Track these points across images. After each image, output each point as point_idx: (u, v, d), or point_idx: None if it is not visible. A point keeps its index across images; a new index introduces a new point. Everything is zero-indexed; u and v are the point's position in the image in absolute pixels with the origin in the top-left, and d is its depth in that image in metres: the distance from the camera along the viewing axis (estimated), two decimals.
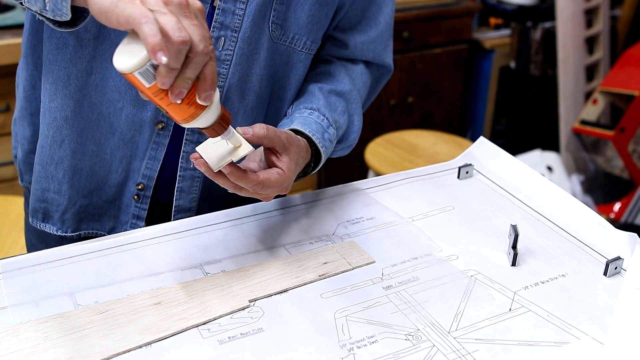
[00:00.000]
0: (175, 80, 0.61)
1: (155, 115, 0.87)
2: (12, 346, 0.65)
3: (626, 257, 0.82)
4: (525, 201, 0.96)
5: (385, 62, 1.01)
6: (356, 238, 0.87)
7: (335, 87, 0.94)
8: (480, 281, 0.79)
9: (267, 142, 0.77)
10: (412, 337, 0.70)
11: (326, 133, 0.88)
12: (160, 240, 0.84)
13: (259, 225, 0.88)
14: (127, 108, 0.87)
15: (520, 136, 2.92)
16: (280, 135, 0.78)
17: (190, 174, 0.91)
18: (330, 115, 0.91)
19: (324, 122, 0.89)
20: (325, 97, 0.93)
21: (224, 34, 0.84)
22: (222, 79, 0.86)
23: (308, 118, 0.88)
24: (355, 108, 0.97)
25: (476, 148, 1.06)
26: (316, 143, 0.86)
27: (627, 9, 2.95)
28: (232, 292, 0.75)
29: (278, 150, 0.78)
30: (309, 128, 0.86)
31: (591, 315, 0.74)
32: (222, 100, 0.87)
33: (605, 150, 2.57)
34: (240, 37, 0.85)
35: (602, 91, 2.51)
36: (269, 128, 0.76)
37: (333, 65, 0.97)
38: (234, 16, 0.84)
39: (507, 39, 2.83)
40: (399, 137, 2.25)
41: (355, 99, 0.97)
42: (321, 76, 0.95)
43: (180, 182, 0.91)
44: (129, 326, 0.69)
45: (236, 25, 0.84)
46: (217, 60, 0.85)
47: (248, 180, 0.74)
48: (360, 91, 0.99)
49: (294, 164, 0.80)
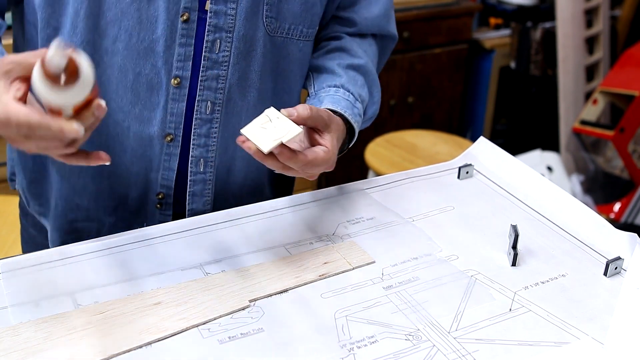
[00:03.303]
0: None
1: (162, 129, 0.87)
2: (12, 346, 0.65)
3: (626, 257, 0.82)
4: (525, 201, 0.96)
5: (390, 33, 1.03)
6: (356, 238, 0.87)
7: (352, 61, 0.95)
8: (481, 281, 0.79)
9: (311, 122, 0.78)
10: (412, 337, 0.70)
11: (355, 108, 0.90)
12: (160, 240, 0.84)
13: (259, 225, 0.88)
14: (134, 126, 0.86)
15: (520, 136, 2.92)
16: (322, 114, 0.79)
17: (201, 178, 0.91)
18: (355, 90, 0.92)
19: (351, 98, 0.90)
20: (346, 72, 0.94)
21: (219, 36, 0.84)
22: (222, 80, 0.86)
23: (335, 96, 0.89)
24: (372, 80, 0.98)
25: (476, 148, 1.06)
26: (349, 120, 0.87)
27: (627, 9, 2.95)
28: (232, 292, 0.75)
29: (320, 128, 0.79)
30: (339, 106, 0.88)
31: (591, 315, 0.74)
32: (224, 100, 0.88)
33: (605, 150, 2.57)
34: (235, 36, 0.85)
35: (602, 91, 2.51)
36: (312, 108, 0.77)
37: (344, 40, 0.97)
38: (226, 17, 0.83)
39: (507, 39, 2.83)
40: (399, 137, 2.24)
41: (372, 71, 0.98)
42: (336, 52, 0.96)
43: (192, 187, 0.91)
44: (129, 326, 0.69)
45: (230, 26, 0.84)
46: (215, 62, 0.85)
47: (297, 160, 0.74)
48: (373, 62, 1.00)
49: (336, 140, 0.81)
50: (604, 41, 2.81)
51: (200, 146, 0.89)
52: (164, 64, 0.83)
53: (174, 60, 0.83)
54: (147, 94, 0.85)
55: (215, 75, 0.86)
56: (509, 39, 2.83)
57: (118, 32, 0.82)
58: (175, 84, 0.84)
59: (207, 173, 0.91)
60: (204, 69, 0.85)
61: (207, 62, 0.85)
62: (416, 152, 2.16)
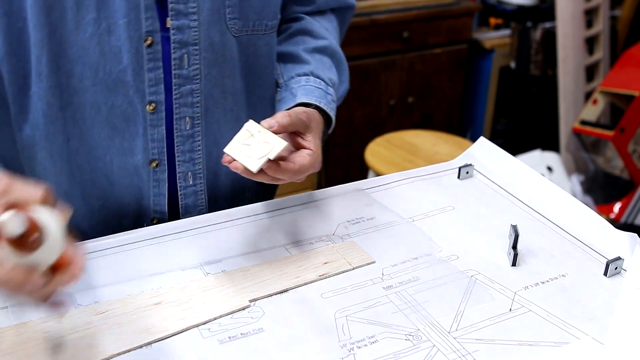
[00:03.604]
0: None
1: (146, 156, 0.85)
2: (12, 346, 0.65)
3: (626, 257, 0.82)
4: (525, 201, 0.96)
5: (348, 3, 1.02)
6: (356, 238, 0.87)
7: (317, 44, 0.94)
8: (481, 281, 0.79)
9: (292, 128, 0.77)
10: (412, 337, 0.70)
11: (328, 95, 0.90)
12: (161, 240, 0.84)
13: (259, 225, 0.88)
14: (116, 159, 0.85)
15: (520, 136, 2.92)
16: (301, 117, 0.79)
17: (192, 190, 0.90)
18: (324, 74, 0.92)
19: (322, 85, 0.90)
20: (312, 57, 0.93)
21: (185, 50, 0.82)
22: (197, 94, 0.85)
23: (307, 86, 0.89)
24: (339, 59, 0.98)
25: (476, 148, 1.06)
26: (326, 110, 0.87)
27: (627, 9, 2.95)
28: (232, 292, 0.75)
29: (302, 131, 0.79)
30: (313, 96, 0.87)
31: (591, 315, 0.74)
32: (202, 112, 0.86)
33: (605, 150, 2.57)
34: (202, 47, 0.83)
35: (602, 91, 2.51)
36: (290, 114, 0.77)
37: (305, 21, 0.96)
38: (190, 30, 0.81)
39: (507, 39, 2.83)
40: (399, 137, 2.24)
41: (337, 51, 0.98)
42: (299, 36, 0.95)
43: (184, 200, 0.90)
44: (129, 326, 0.69)
45: (195, 38, 0.82)
46: (187, 78, 0.83)
47: (286, 172, 0.75)
48: (336, 39, 1.00)
49: (318, 138, 0.81)
50: (604, 41, 2.81)
51: (186, 162, 0.88)
52: (135, 92, 0.81)
53: (146, 86, 0.82)
54: (124, 125, 0.83)
55: (189, 90, 0.84)
56: (509, 39, 2.83)
57: (83, 70, 0.79)
58: (151, 109, 0.83)
59: (197, 185, 0.90)
60: (177, 86, 0.83)
61: (178, 80, 0.83)
62: (416, 152, 2.16)
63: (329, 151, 2.57)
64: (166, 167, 0.87)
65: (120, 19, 0.77)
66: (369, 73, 2.48)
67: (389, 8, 2.48)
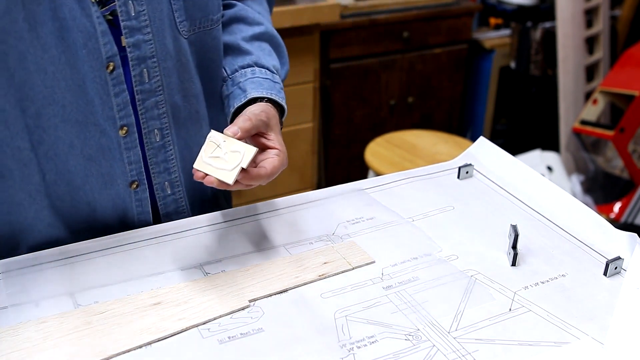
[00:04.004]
0: None
1: (126, 180, 0.84)
2: (12, 346, 0.65)
3: (626, 257, 0.82)
4: (525, 201, 0.96)
5: None
6: (356, 238, 0.87)
7: (254, 31, 0.94)
8: (480, 281, 0.79)
9: (254, 131, 0.78)
10: (412, 337, 0.70)
11: (276, 84, 0.90)
12: (160, 240, 0.84)
13: (259, 225, 0.88)
14: (96, 187, 0.83)
15: (520, 136, 2.92)
16: (260, 117, 0.79)
17: (171, 199, 0.90)
18: (268, 62, 0.92)
19: (269, 75, 0.90)
20: (252, 45, 0.93)
21: (144, 65, 0.81)
22: (162, 105, 0.84)
23: (254, 78, 0.89)
24: (277, 43, 0.97)
25: (476, 148, 1.06)
26: (279, 101, 0.88)
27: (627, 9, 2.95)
28: (232, 292, 0.75)
29: (264, 131, 0.79)
30: (263, 89, 0.88)
31: (591, 315, 0.74)
32: (170, 121, 0.85)
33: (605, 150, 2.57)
34: (159, 58, 0.82)
35: (602, 91, 2.51)
36: (251, 117, 0.77)
37: (238, 7, 0.96)
38: (145, 44, 0.80)
39: (507, 39, 2.83)
40: (399, 137, 2.24)
41: (274, 34, 0.97)
42: (234, 24, 0.94)
43: (164, 210, 0.90)
44: (129, 326, 0.69)
45: (151, 51, 0.81)
46: (150, 91, 0.82)
47: (259, 178, 0.75)
48: (269, 20, 0.99)
49: (280, 135, 0.81)
50: (604, 41, 2.81)
51: (161, 172, 0.87)
52: (106, 120, 0.80)
53: (115, 112, 0.80)
54: (99, 154, 0.82)
55: (153, 103, 0.83)
56: (509, 39, 2.83)
57: (50, 109, 0.77)
58: (123, 133, 0.81)
59: (176, 192, 0.90)
60: (141, 102, 0.82)
61: (142, 95, 0.82)
62: (416, 152, 2.16)
63: (329, 151, 2.57)
64: (147, 186, 0.86)
65: (79, 50, 0.75)
66: (369, 73, 2.48)
67: (389, 8, 2.48)
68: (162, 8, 0.81)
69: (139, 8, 0.78)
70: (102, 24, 0.76)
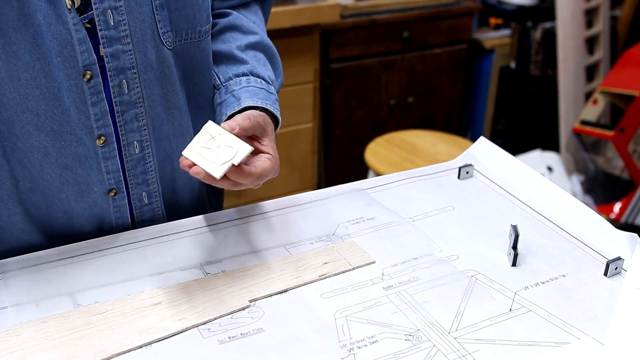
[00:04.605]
0: None
1: (103, 188, 0.82)
2: (12, 346, 0.65)
3: (626, 258, 0.82)
4: (525, 201, 0.96)
5: None
6: (356, 238, 0.87)
7: (248, 40, 0.92)
8: (481, 281, 0.79)
9: (251, 131, 0.76)
10: (412, 338, 0.70)
11: (271, 95, 0.88)
12: (161, 240, 0.84)
13: (259, 225, 0.88)
14: (73, 195, 0.82)
15: (520, 136, 2.92)
16: (258, 120, 0.77)
17: (148, 209, 0.88)
18: (263, 72, 0.90)
19: (264, 85, 0.88)
20: (247, 55, 0.91)
21: (123, 77, 0.78)
22: (142, 117, 0.82)
23: (249, 87, 0.87)
24: (272, 53, 0.95)
25: (476, 148, 1.06)
26: (273, 112, 0.86)
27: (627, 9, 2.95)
28: (232, 292, 0.75)
29: (259, 135, 0.78)
30: (258, 99, 0.85)
31: (591, 315, 0.74)
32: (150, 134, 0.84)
33: (605, 150, 2.57)
34: (139, 69, 0.79)
35: (602, 91, 2.51)
36: (250, 117, 0.75)
37: (232, 17, 0.93)
38: (124, 54, 0.77)
39: (507, 39, 2.83)
40: (399, 137, 2.24)
41: (269, 44, 0.95)
42: (228, 33, 0.92)
43: (140, 217, 0.88)
44: (129, 326, 0.69)
45: (131, 62, 0.78)
46: (129, 103, 0.80)
47: (249, 176, 0.73)
48: (264, 30, 0.97)
49: (274, 142, 0.80)
50: (604, 41, 2.81)
51: (139, 184, 0.86)
52: (82, 129, 0.78)
53: (92, 121, 0.78)
54: (75, 164, 0.79)
55: (133, 115, 0.81)
56: (509, 39, 2.83)
57: (23, 116, 0.75)
58: (101, 143, 0.79)
59: (154, 202, 0.88)
60: (120, 113, 0.80)
61: (120, 107, 0.79)
62: (416, 152, 2.15)
63: (329, 151, 2.57)
64: (125, 194, 0.85)
65: (54, 57, 0.73)
66: (369, 73, 2.48)
67: (389, 8, 2.48)
68: (144, 18, 0.78)
69: (119, 18, 0.76)
70: (79, 31, 0.74)
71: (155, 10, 0.79)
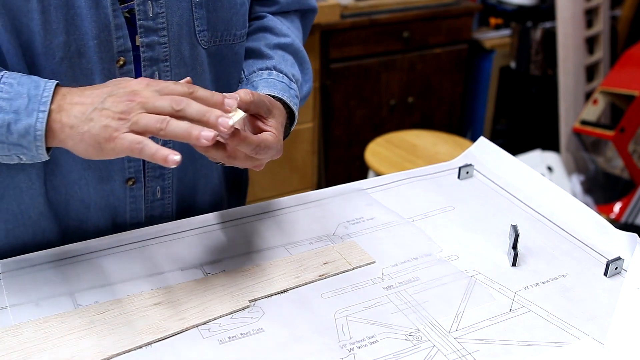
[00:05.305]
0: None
1: (123, 176, 0.84)
2: (12, 346, 0.65)
3: (626, 258, 0.82)
4: (526, 201, 0.96)
5: (311, 6, 1.01)
6: (356, 238, 0.87)
7: (279, 40, 0.93)
8: (481, 281, 0.79)
9: (253, 107, 0.73)
10: (412, 338, 0.70)
11: (291, 90, 0.88)
12: (160, 240, 0.84)
13: (259, 225, 0.88)
14: (92, 182, 0.83)
15: (520, 136, 2.92)
16: (264, 99, 0.76)
17: (159, 204, 0.89)
18: (287, 70, 0.90)
19: (285, 80, 0.88)
20: (274, 52, 0.91)
21: (156, 68, 0.80)
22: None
23: (269, 79, 0.87)
24: (302, 57, 0.96)
25: (476, 148, 1.06)
26: (288, 103, 0.85)
27: (627, 9, 2.95)
28: (232, 292, 0.75)
29: (263, 115, 0.76)
30: (275, 89, 0.85)
31: (591, 315, 0.74)
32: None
33: (605, 150, 2.57)
34: (172, 63, 0.81)
35: (602, 91, 2.51)
36: (254, 93, 0.73)
37: (267, 19, 0.95)
38: (159, 47, 0.79)
39: (507, 39, 2.83)
40: (399, 137, 2.24)
41: (300, 49, 0.96)
42: (260, 33, 0.93)
43: (149, 212, 0.89)
44: (129, 326, 0.69)
45: (165, 55, 0.80)
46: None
47: (250, 142, 0.70)
48: (299, 38, 0.98)
49: (281, 127, 0.78)
50: (604, 41, 2.81)
51: (156, 177, 0.86)
52: None
53: None
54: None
55: None
56: (509, 39, 2.83)
57: None
58: None
59: (165, 198, 0.89)
60: None
61: None
62: (416, 152, 2.16)
63: (329, 151, 2.57)
64: (142, 184, 0.86)
65: (90, 40, 0.75)
66: (369, 73, 2.48)
67: (389, 8, 2.48)
68: (182, 14, 0.80)
69: (158, 10, 0.78)
70: (118, 17, 0.76)
71: (194, 8, 0.81)
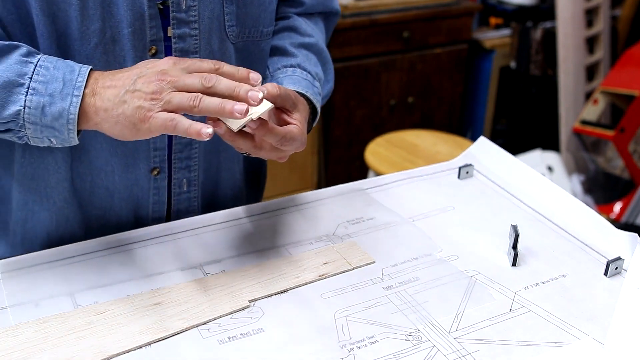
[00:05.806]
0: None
1: (148, 165, 0.85)
2: (12, 346, 0.65)
3: (627, 257, 0.82)
4: (526, 201, 0.96)
5: (334, 9, 1.03)
6: (356, 238, 0.87)
7: (303, 40, 0.95)
8: (481, 281, 0.79)
9: (279, 101, 0.75)
10: (412, 338, 0.70)
11: (314, 87, 0.89)
12: (160, 240, 0.84)
13: (259, 225, 0.88)
14: (118, 169, 0.85)
15: (520, 136, 2.92)
16: (289, 93, 0.77)
17: (185, 197, 0.90)
18: (311, 68, 0.92)
19: (309, 77, 0.90)
20: (299, 51, 0.93)
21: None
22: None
23: (293, 76, 0.89)
24: (325, 58, 0.98)
25: (476, 148, 1.06)
26: (312, 99, 0.87)
27: (627, 9, 2.95)
28: (232, 292, 0.75)
29: (288, 108, 0.78)
30: (300, 86, 0.87)
31: (591, 315, 0.74)
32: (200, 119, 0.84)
33: (605, 150, 2.57)
34: (202, 56, 0.82)
35: (602, 91, 2.51)
36: (281, 87, 0.75)
37: (292, 19, 0.97)
38: (190, 39, 0.81)
39: (507, 39, 2.83)
40: (399, 137, 2.24)
41: (323, 49, 0.98)
42: (285, 32, 0.95)
43: (176, 206, 0.90)
44: (129, 326, 0.69)
45: (195, 46, 0.82)
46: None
47: (276, 133, 0.72)
48: (322, 40, 1.00)
49: (305, 121, 0.80)
50: (604, 41, 2.81)
51: (182, 169, 0.88)
52: None
53: None
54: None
55: None
56: (509, 39, 2.83)
57: None
58: None
59: (192, 191, 0.90)
60: None
61: None
62: (416, 152, 2.15)
63: (329, 151, 2.57)
64: (166, 175, 0.87)
65: (124, 28, 0.77)
66: (369, 73, 2.48)
67: (389, 8, 2.47)
68: (214, 8, 0.82)
69: (190, 3, 0.80)
70: (152, 7, 0.78)
71: (225, 4, 0.83)
